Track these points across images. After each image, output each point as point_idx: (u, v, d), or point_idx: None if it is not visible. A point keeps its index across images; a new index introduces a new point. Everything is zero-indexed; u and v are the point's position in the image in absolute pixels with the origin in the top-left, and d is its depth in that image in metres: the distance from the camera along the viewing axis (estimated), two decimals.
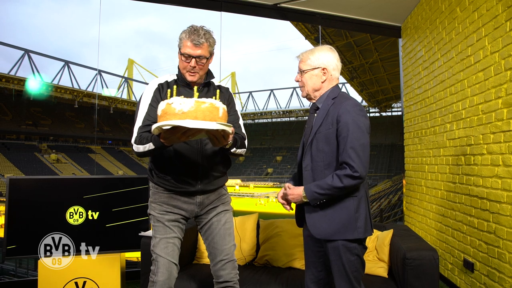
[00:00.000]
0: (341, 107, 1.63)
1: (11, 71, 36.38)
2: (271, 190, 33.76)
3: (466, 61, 2.86)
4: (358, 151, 1.56)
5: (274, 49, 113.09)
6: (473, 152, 2.77)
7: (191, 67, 1.76)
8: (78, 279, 2.49)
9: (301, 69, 1.75)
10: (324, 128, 1.66)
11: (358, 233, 1.63)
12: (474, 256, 2.77)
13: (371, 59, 20.61)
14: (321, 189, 1.60)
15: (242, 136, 1.87)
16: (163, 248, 1.81)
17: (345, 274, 1.64)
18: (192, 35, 1.72)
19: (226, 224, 1.93)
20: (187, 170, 1.81)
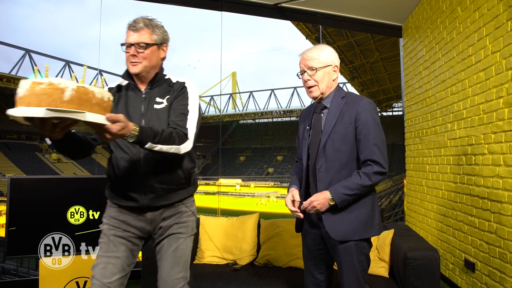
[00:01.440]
0: (359, 106, 1.63)
1: (12, 71, 36.40)
2: (272, 190, 33.77)
3: (467, 61, 2.86)
4: (381, 147, 1.59)
5: (270, 49, 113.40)
6: (474, 152, 2.76)
7: (131, 55, 1.57)
8: (79, 279, 2.49)
9: (313, 67, 1.68)
10: (341, 128, 1.64)
11: (375, 231, 1.65)
12: (475, 256, 2.76)
13: (372, 59, 20.60)
14: (350, 189, 1.57)
15: (177, 131, 1.50)
16: (101, 269, 1.58)
17: (355, 274, 1.63)
18: (132, 23, 1.60)
19: (177, 252, 1.66)
20: (129, 182, 1.58)
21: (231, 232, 2.75)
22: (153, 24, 1.61)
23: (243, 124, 60.76)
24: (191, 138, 1.55)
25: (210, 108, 57.84)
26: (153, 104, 1.63)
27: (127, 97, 1.65)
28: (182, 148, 1.50)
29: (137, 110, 1.62)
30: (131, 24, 1.59)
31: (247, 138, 57.01)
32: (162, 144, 1.42)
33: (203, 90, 59.01)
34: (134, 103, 1.64)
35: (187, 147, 1.53)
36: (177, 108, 1.61)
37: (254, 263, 2.65)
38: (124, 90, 1.67)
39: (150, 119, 1.60)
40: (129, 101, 1.64)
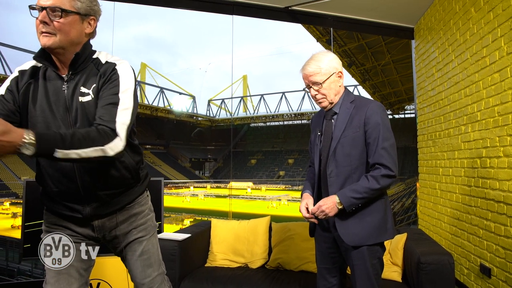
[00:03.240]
0: (368, 109, 1.62)
1: None
2: (283, 193, 33.67)
3: (481, 62, 2.81)
4: (390, 151, 1.58)
5: (278, 53, 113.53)
6: (489, 154, 2.72)
7: (42, 23, 1.19)
8: (92, 281, 2.51)
9: (317, 82, 1.67)
10: (351, 132, 1.64)
11: (389, 235, 1.64)
12: (491, 261, 2.71)
13: (383, 61, 20.47)
14: (358, 193, 1.56)
15: (98, 129, 1.17)
16: (53, 283, 1.42)
17: (368, 278, 1.62)
18: None
19: (144, 254, 1.52)
20: (65, 194, 1.34)
21: (243, 235, 2.75)
22: None
23: (254, 127, 60.80)
24: (121, 134, 1.20)
25: (221, 111, 58.12)
26: (78, 96, 1.26)
27: (45, 87, 1.28)
28: (108, 149, 1.15)
29: (60, 105, 1.27)
30: None
31: (258, 141, 56.98)
32: (77, 148, 1.09)
33: (214, 93, 59.08)
34: (55, 95, 1.27)
35: (117, 146, 1.18)
36: (104, 97, 1.24)
37: (266, 267, 2.64)
38: (41, 78, 1.29)
39: (76, 117, 1.26)
40: (49, 93, 1.27)
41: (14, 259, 12.66)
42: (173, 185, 36.52)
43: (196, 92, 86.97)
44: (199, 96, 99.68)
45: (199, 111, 56.45)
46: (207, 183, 42.28)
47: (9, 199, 26.19)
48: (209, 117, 57.37)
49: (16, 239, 14.74)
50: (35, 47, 1.32)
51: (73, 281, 1.42)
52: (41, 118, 1.26)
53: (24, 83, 1.27)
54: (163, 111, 50.57)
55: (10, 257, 12.96)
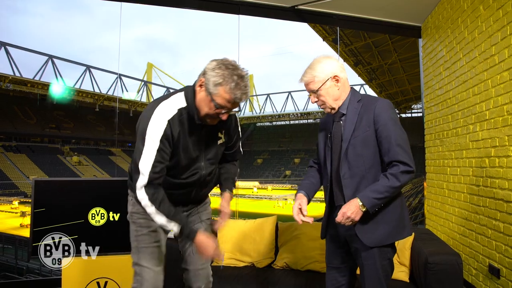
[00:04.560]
0: (376, 107, 1.60)
1: (35, 76, 37.51)
2: (289, 193, 33.63)
3: (490, 61, 2.78)
4: (405, 146, 1.55)
5: (283, 52, 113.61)
6: (498, 154, 2.69)
7: (220, 117, 1.52)
8: (100, 279, 2.53)
9: (313, 89, 1.67)
10: (360, 132, 1.61)
11: (407, 232, 1.63)
12: (500, 261, 2.68)
13: (390, 60, 20.33)
14: (379, 193, 1.53)
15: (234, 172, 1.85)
16: (149, 259, 1.68)
17: (377, 278, 1.61)
18: (236, 91, 1.44)
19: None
20: (180, 199, 1.72)
21: (249, 234, 2.75)
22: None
23: (260, 126, 60.78)
24: (142, 171, 1.51)
25: None
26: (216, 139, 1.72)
27: (189, 132, 1.60)
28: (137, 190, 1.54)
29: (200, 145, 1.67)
30: (237, 95, 1.46)
31: (265, 140, 56.98)
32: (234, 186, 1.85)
33: None
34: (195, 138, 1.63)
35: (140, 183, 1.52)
36: (237, 142, 1.85)
37: (272, 266, 2.64)
38: (185, 125, 1.58)
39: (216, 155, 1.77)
40: (191, 137, 1.61)
41: (23, 258, 12.81)
42: None
43: None
44: None
45: None
46: None
47: (18, 198, 26.50)
48: None
49: (25, 237, 14.90)
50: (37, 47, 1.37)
51: (162, 259, 1.75)
52: (184, 155, 1.60)
53: (176, 132, 1.54)
54: None
55: (19, 255, 13.11)
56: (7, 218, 22.25)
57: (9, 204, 25.07)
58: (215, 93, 1.45)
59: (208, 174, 1.70)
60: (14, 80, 35.19)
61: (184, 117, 1.55)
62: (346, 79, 1.71)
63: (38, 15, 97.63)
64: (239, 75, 1.45)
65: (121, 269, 2.56)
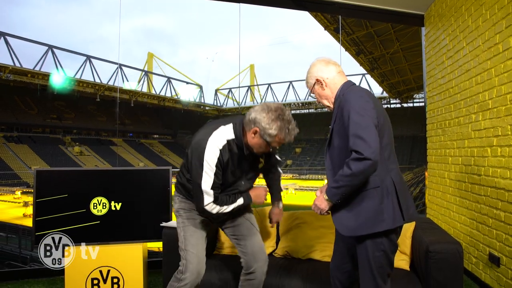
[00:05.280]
0: (343, 100, 1.66)
1: (35, 66, 37.34)
2: (290, 182, 33.72)
3: (493, 49, 2.76)
4: (360, 134, 1.52)
5: (284, 42, 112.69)
6: (500, 143, 2.68)
7: (267, 150, 1.89)
8: (103, 268, 2.56)
9: (311, 91, 1.90)
10: (336, 125, 1.68)
11: (386, 225, 1.58)
12: (500, 250, 2.69)
13: (392, 49, 20.12)
14: (335, 182, 1.57)
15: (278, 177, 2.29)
16: (193, 246, 1.96)
17: (369, 269, 1.62)
18: (288, 136, 1.81)
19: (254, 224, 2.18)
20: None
21: None
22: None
23: None
24: (207, 191, 1.84)
25: (229, 101, 57.96)
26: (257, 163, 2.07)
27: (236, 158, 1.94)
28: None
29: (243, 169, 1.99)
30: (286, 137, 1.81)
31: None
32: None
33: (219, 83, 58.83)
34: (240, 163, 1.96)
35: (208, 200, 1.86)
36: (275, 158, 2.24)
37: (274, 255, 2.65)
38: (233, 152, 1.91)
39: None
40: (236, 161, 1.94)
41: (27, 247, 12.92)
42: None
43: (202, 82, 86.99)
44: (205, 86, 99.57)
45: (206, 101, 56.42)
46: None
47: (21, 188, 26.63)
48: (217, 106, 57.30)
49: (28, 227, 15.01)
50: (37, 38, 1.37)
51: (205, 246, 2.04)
52: (230, 176, 1.93)
53: (226, 158, 1.86)
54: (171, 100, 50.56)
55: (22, 244, 13.22)
56: (10, 208, 22.39)
57: (12, 194, 25.19)
58: (272, 141, 1.80)
59: (246, 189, 2.03)
60: (14, 70, 35.01)
61: (232, 147, 1.88)
62: (333, 78, 1.78)
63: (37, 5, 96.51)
64: (288, 121, 1.79)
65: (123, 257, 2.58)
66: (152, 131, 52.76)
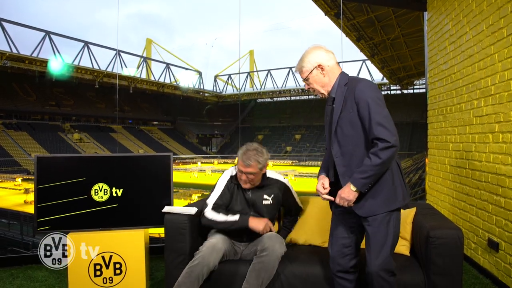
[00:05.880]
0: (356, 90, 1.73)
1: (33, 53, 36.93)
2: (290, 168, 33.76)
3: (497, 34, 2.72)
4: (384, 123, 1.66)
5: (283, 28, 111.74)
6: (502, 129, 2.67)
7: (243, 180, 2.31)
8: (105, 253, 2.57)
9: (303, 78, 1.87)
10: (346, 114, 1.76)
11: (399, 202, 1.77)
12: (499, 236, 2.71)
13: (393, 35, 19.90)
14: (365, 172, 1.67)
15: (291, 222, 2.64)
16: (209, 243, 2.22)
17: (384, 244, 1.75)
18: (244, 157, 2.24)
19: None
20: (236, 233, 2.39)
21: None
22: (260, 158, 2.25)
23: (261, 102, 60.36)
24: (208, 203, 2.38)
25: (228, 87, 57.63)
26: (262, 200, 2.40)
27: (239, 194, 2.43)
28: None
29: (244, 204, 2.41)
30: (244, 160, 2.24)
31: (265, 116, 56.59)
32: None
33: (218, 70, 58.20)
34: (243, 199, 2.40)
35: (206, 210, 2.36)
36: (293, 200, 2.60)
37: None
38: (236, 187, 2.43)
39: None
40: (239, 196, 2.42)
41: (29, 233, 13.02)
42: (181, 160, 36.75)
43: (201, 68, 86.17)
44: (204, 72, 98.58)
45: (205, 87, 56.09)
46: (214, 158, 42.49)
47: (21, 175, 26.68)
48: (216, 93, 57.02)
49: (29, 213, 15.11)
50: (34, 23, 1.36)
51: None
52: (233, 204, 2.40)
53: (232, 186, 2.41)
54: (170, 87, 50.26)
55: (24, 231, 13.33)
56: (10, 195, 22.47)
57: (12, 181, 25.24)
58: (238, 170, 2.32)
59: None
60: (11, 56, 34.64)
61: (234, 183, 2.41)
62: (333, 66, 1.85)
63: None
64: (243, 152, 2.26)
65: (125, 243, 2.59)
66: (151, 118, 52.65)
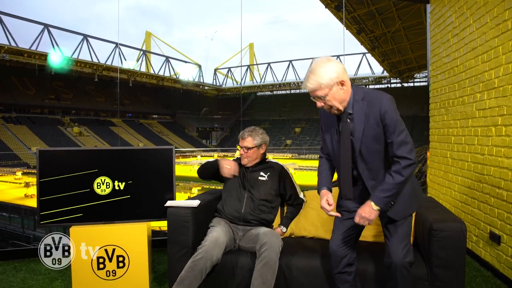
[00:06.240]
0: (382, 106, 1.70)
1: (32, 46, 36.71)
2: (290, 162, 33.75)
3: (502, 26, 2.70)
4: (406, 141, 1.69)
5: (283, 21, 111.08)
6: (505, 122, 2.66)
7: (241, 155, 2.55)
8: (108, 246, 2.58)
9: (320, 96, 1.73)
10: (370, 130, 1.73)
11: (420, 195, 1.93)
12: (501, 229, 2.72)
13: (393, 28, 19.82)
14: (388, 191, 1.71)
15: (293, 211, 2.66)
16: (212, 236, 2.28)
17: (408, 235, 1.83)
18: (242, 133, 2.57)
19: None
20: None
21: None
22: (257, 136, 2.56)
23: (261, 96, 60.20)
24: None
25: (228, 80, 57.41)
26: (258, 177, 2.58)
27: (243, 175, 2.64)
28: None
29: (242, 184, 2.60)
30: (241, 135, 2.58)
31: (265, 110, 56.46)
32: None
33: (217, 63, 57.74)
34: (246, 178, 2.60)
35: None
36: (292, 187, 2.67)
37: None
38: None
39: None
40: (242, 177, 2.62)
41: (30, 227, 13.07)
42: (181, 154, 36.72)
43: (200, 62, 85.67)
44: (204, 65, 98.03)
45: (205, 80, 55.86)
46: (214, 152, 42.45)
47: (21, 169, 26.69)
48: (216, 86, 56.83)
49: (30, 207, 15.15)
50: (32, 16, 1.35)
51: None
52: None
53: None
54: (170, 80, 50.08)
55: (25, 224, 13.38)
56: (11, 189, 22.49)
57: (13, 175, 25.25)
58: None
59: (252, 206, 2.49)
60: (10, 50, 34.44)
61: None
62: (348, 80, 1.76)
63: None
64: (242, 131, 2.59)
65: (128, 236, 2.60)
66: (151, 111, 52.54)
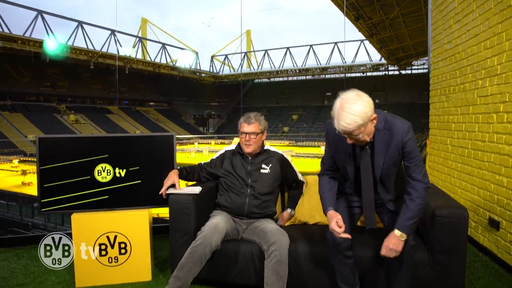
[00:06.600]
0: (404, 137, 1.81)
1: (25, 32, 36.12)
2: (287, 149, 33.77)
3: (506, 12, 2.67)
4: (421, 164, 1.85)
5: (281, 7, 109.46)
6: (507, 109, 2.66)
7: (245, 142, 2.45)
8: (110, 233, 2.58)
9: (358, 134, 1.74)
10: (390, 158, 1.85)
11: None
12: (500, 214, 2.74)
13: (392, 14, 19.67)
14: (414, 218, 1.82)
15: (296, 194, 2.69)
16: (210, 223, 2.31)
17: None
18: (246, 117, 2.47)
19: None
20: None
21: None
22: (261, 121, 2.49)
23: (258, 83, 59.91)
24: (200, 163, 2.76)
25: (225, 67, 56.98)
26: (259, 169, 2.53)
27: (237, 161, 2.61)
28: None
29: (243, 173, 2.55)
30: (246, 119, 2.47)
31: (262, 97, 56.25)
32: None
33: (213, 50, 57.14)
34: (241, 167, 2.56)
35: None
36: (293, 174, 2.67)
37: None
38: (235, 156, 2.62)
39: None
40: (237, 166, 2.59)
41: (28, 214, 13.09)
42: (178, 141, 36.70)
43: (197, 48, 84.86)
44: (201, 52, 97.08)
45: (202, 68, 55.42)
46: (211, 139, 42.42)
47: (18, 157, 26.60)
48: (213, 73, 56.44)
49: (27, 195, 15.16)
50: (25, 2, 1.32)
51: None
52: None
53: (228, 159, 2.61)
54: (166, 67, 49.66)
55: (23, 212, 13.40)
56: (8, 177, 22.45)
57: (9, 163, 25.17)
58: (239, 128, 2.51)
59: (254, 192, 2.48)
60: (3, 36, 33.88)
61: (234, 152, 2.61)
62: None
63: None
64: (245, 116, 2.50)
65: (129, 223, 2.60)
66: (148, 99, 52.23)
